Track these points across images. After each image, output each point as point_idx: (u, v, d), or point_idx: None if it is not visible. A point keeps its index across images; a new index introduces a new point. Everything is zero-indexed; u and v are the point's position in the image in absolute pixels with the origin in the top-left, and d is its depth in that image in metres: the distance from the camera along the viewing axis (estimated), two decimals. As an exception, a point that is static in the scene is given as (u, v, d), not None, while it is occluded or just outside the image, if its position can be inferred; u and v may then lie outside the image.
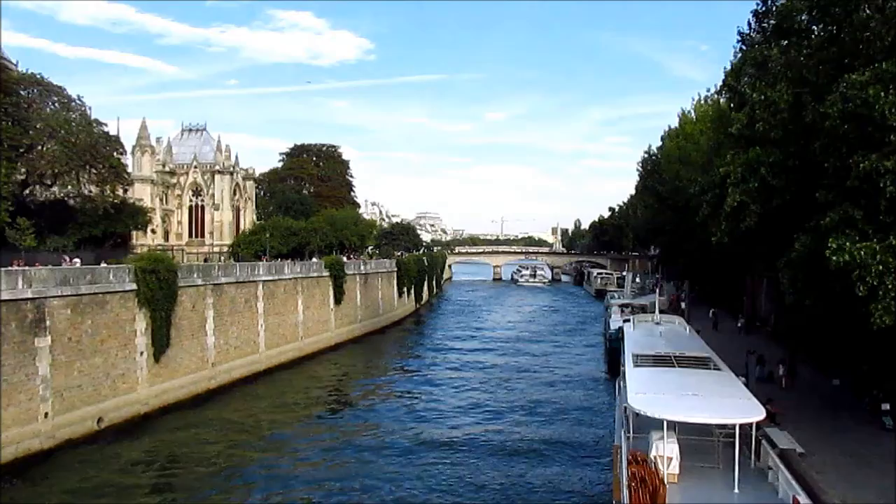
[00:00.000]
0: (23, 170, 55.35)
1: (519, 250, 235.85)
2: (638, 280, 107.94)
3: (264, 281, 57.46)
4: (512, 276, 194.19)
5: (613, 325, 58.07)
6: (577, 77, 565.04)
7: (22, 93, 56.72)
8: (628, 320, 39.60)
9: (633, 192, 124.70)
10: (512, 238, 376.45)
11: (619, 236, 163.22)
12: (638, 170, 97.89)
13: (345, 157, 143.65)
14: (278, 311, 59.53)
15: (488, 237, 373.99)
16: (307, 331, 64.40)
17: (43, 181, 58.49)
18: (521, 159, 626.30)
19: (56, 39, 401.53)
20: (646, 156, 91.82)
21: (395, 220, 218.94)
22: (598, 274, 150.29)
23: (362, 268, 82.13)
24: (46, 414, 34.09)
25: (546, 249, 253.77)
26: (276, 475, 32.16)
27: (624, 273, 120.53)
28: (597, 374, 57.49)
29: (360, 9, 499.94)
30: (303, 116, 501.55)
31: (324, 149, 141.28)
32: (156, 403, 41.91)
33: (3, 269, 33.75)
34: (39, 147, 55.86)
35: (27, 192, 58.20)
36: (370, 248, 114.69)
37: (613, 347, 52.74)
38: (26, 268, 36.11)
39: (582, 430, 40.18)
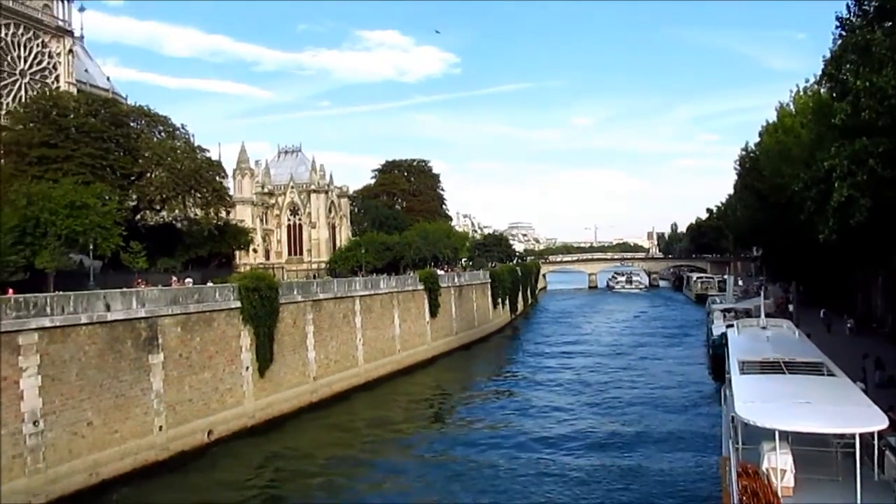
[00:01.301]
0: (134, 196, 58.74)
1: (613, 257, 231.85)
2: (741, 283, 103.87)
3: (361, 296, 58.58)
4: (607, 283, 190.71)
5: (716, 331, 56.09)
6: (663, 76, 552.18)
7: (132, 124, 60.34)
8: (732, 325, 38.05)
9: (730, 191, 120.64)
10: (606, 244, 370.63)
11: (719, 238, 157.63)
12: (735, 168, 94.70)
13: (435, 170, 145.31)
14: (375, 324, 60.53)
15: (582, 245, 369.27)
16: (404, 344, 65.17)
17: (152, 206, 61.83)
18: (610, 163, 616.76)
19: (161, 72, 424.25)
20: (743, 153, 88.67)
21: (486, 231, 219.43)
22: (698, 278, 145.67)
23: (456, 280, 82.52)
24: (161, 427, 35.78)
25: (642, 255, 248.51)
26: (378, 486, 32.67)
27: (725, 276, 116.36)
28: (700, 381, 55.62)
29: (444, 25, 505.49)
30: (393, 132, 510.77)
31: (414, 163, 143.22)
32: (261, 416, 43.28)
33: (119, 290, 35.78)
34: (148, 174, 59.16)
35: (138, 217, 61.57)
36: (463, 260, 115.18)
37: (717, 354, 50.94)
38: (139, 288, 38.15)
39: (686, 440, 38.88)
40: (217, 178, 65.41)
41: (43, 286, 39.72)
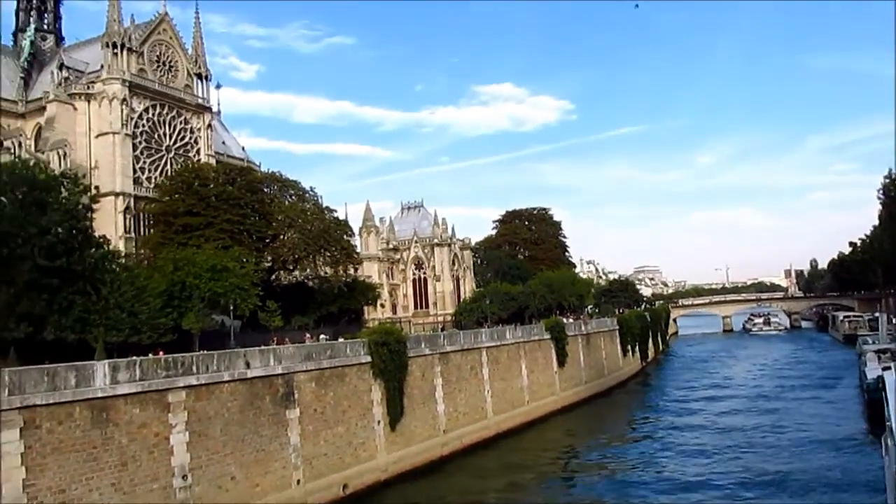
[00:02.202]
0: (269, 258, 61.83)
1: (749, 297, 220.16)
2: (895, 321, 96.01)
3: (488, 347, 58.47)
4: (743, 325, 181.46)
5: (871, 374, 51.94)
6: (789, 107, 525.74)
7: (266, 190, 64.02)
8: (888, 367, 35.13)
9: (875, 222, 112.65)
10: (740, 285, 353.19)
11: (866, 273, 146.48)
12: (879, 197, 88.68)
13: (556, 218, 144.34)
14: (503, 376, 60.10)
15: (713, 286, 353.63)
16: (532, 395, 64.24)
17: (286, 266, 64.84)
18: (739, 201, 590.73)
19: (291, 139, 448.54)
20: (887, 180, 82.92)
21: (612, 276, 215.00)
22: (845, 317, 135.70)
23: (583, 328, 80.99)
24: (298, 481, 36.69)
25: (779, 294, 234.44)
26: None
27: (876, 314, 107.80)
28: (855, 431, 51.38)
29: (558, 73, 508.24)
30: (512, 183, 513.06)
31: (535, 212, 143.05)
32: (394, 470, 43.57)
33: (257, 348, 37.48)
34: (282, 236, 62.25)
35: (273, 277, 64.62)
36: (589, 307, 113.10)
37: (873, 399, 46.99)
38: (276, 346, 39.81)
39: (840, 490, 35.98)
40: (345, 236, 67.87)
41: (189, 346, 42.18)
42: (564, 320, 78.41)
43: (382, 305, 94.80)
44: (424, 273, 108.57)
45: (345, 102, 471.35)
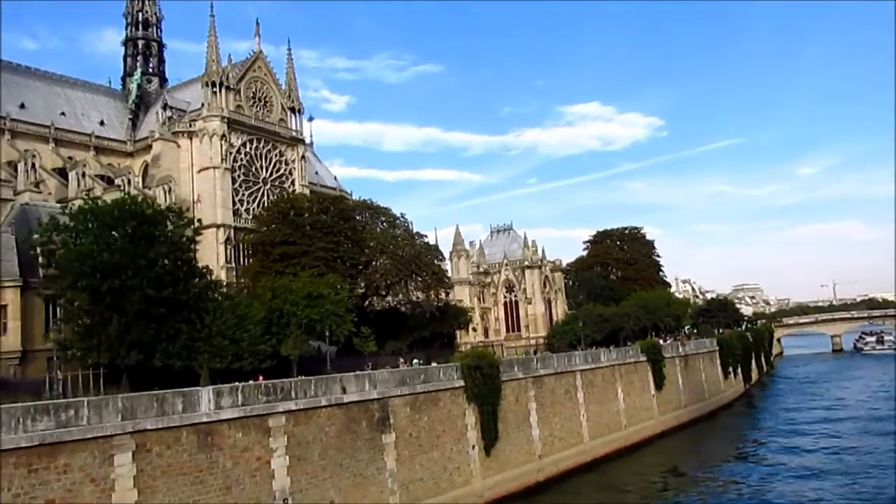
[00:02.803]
0: (362, 284, 62.96)
1: (859, 315, 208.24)
2: None
3: (582, 370, 57.46)
4: (854, 344, 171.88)
5: None
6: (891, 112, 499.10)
7: (357, 217, 65.42)
8: None
9: None
10: (849, 302, 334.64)
11: None
12: None
13: (648, 237, 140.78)
14: (598, 399, 58.86)
15: (819, 304, 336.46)
16: (630, 419, 62.57)
17: (378, 292, 65.86)
18: (844, 213, 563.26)
19: (381, 167, 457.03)
20: None
21: (709, 295, 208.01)
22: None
23: (680, 349, 78.53)
24: (396, 506, 36.87)
25: (893, 311, 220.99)
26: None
27: None
28: None
29: (645, 89, 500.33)
30: (602, 202, 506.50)
31: (626, 232, 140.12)
32: (490, 496, 43.14)
33: (353, 373, 38.09)
34: (374, 263, 63.32)
35: (367, 303, 65.70)
36: (686, 327, 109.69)
37: None
38: (371, 371, 40.35)
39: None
40: (435, 261, 68.46)
41: (288, 372, 43.28)
42: (660, 342, 76.28)
43: (474, 329, 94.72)
44: (515, 296, 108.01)
45: (432, 129, 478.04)
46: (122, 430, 26.05)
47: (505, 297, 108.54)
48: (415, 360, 52.05)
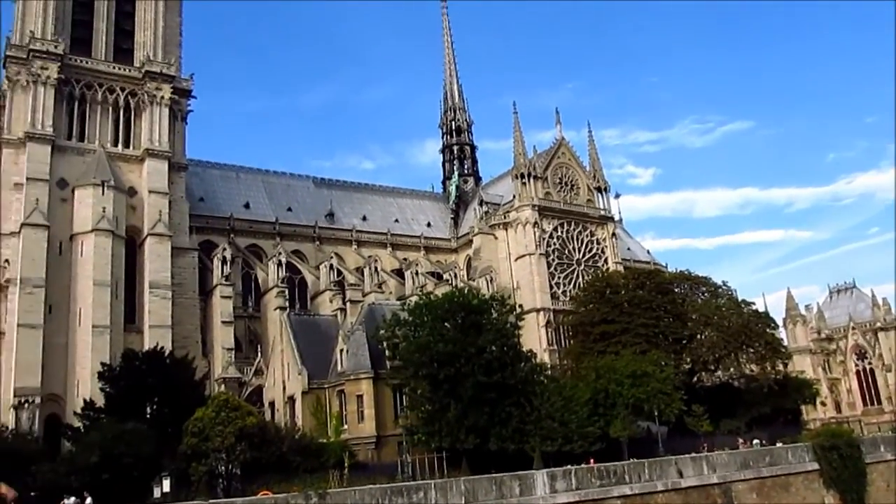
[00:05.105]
0: (688, 359, 60.04)
1: None
2: None
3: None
4: None
5: None
6: None
7: (676, 290, 63.10)
8: None
9: None
10: None
11: None
12: None
13: None
14: None
15: None
16: None
17: (706, 367, 62.19)
18: None
19: (694, 235, 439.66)
20: None
21: None
22: None
23: None
24: None
25: None
26: None
27: None
28: None
29: None
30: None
31: None
32: None
33: (689, 455, 35.98)
34: (698, 336, 60.23)
35: (694, 379, 62.30)
36: None
37: None
38: (708, 453, 37.78)
39: None
40: (767, 330, 63.07)
41: (618, 454, 42.22)
42: None
43: (823, 403, 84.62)
44: (870, 363, 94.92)
45: (748, 189, 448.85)
46: (465, 512, 27.31)
47: (856, 365, 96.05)
48: (755, 441, 47.67)
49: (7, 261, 55.11)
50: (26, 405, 49.88)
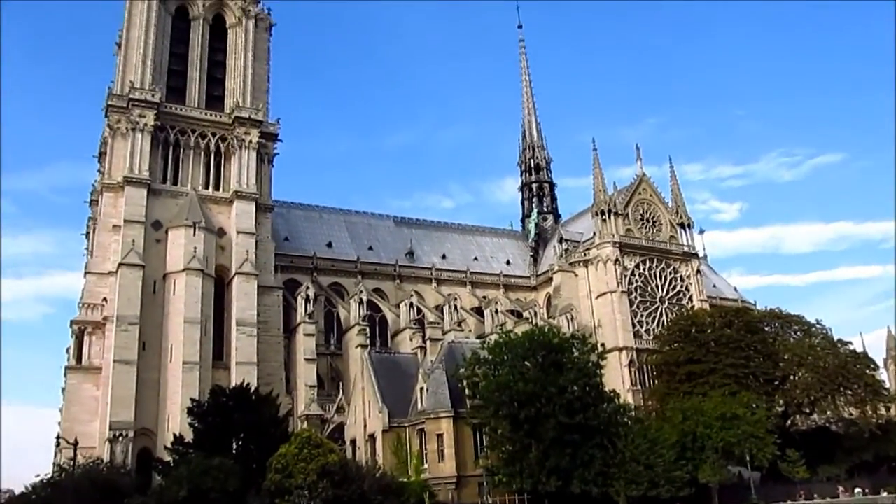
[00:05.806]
0: (781, 401, 57.40)
1: None
2: None
3: None
4: None
5: None
6: None
7: (766, 329, 60.65)
8: None
9: None
10: None
11: None
12: None
13: None
14: None
15: None
16: None
17: (801, 410, 59.30)
18: None
19: (784, 272, 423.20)
20: None
21: None
22: None
23: None
24: None
25: None
26: None
27: None
28: None
29: None
30: None
31: None
32: None
33: (783, 503, 34.19)
34: (791, 377, 57.61)
35: (788, 422, 59.45)
36: None
37: None
38: (805, 501, 35.78)
39: None
40: (867, 371, 59.78)
41: (708, 500, 40.57)
42: None
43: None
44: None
45: (842, 223, 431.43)
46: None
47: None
48: (857, 489, 44.94)
49: (105, 299, 57.89)
50: (120, 439, 51.74)
